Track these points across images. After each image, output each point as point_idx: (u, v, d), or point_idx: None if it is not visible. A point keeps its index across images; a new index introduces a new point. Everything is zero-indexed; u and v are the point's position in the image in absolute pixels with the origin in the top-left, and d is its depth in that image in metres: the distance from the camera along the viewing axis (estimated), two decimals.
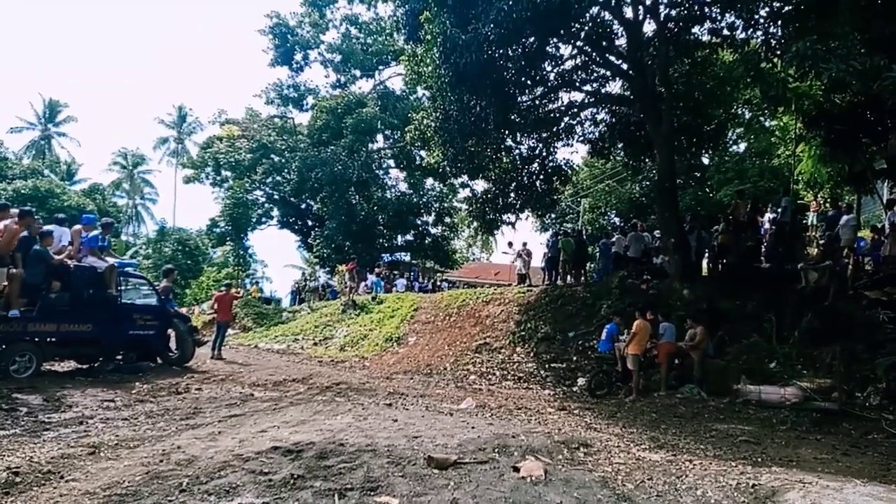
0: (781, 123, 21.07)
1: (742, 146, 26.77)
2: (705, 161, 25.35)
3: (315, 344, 20.27)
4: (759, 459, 6.35)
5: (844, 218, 12.82)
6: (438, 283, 32.61)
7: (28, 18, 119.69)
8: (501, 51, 12.90)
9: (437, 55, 12.73)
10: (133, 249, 48.56)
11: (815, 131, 15.24)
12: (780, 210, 14.96)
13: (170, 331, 12.57)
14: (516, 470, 5.32)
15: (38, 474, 4.67)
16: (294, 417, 7.64)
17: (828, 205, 15.86)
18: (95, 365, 10.99)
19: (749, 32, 13.16)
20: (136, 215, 59.51)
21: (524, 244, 20.51)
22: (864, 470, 5.96)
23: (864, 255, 13.82)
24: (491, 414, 8.93)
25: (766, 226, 15.80)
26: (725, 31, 13.67)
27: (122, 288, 11.29)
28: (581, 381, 12.35)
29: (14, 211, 10.11)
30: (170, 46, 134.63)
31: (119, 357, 11.48)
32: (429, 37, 12.86)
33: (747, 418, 8.99)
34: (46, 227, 10.34)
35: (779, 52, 11.32)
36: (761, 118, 21.66)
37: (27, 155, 52.03)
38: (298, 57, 37.60)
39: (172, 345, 12.76)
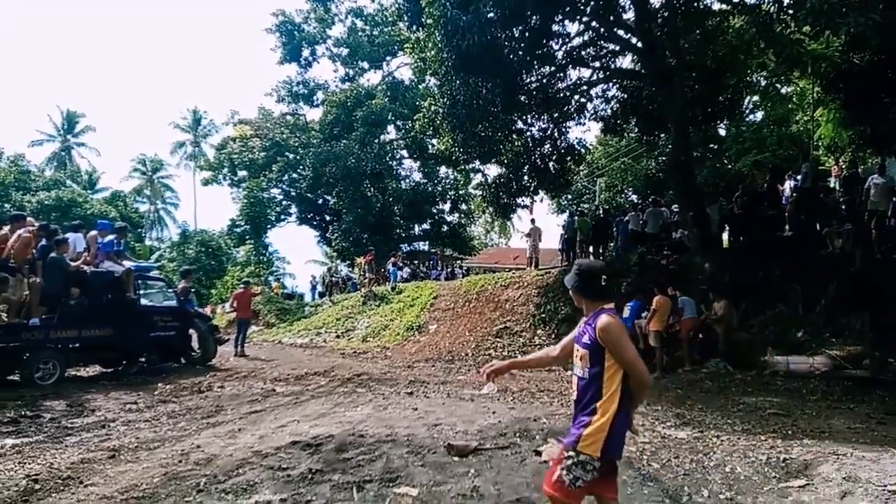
0: (798, 89, 20.52)
1: (759, 115, 26.16)
2: (721, 132, 24.81)
3: (337, 336, 20.34)
4: (790, 432, 6.18)
5: (875, 179, 12.34)
6: (453, 271, 32.23)
7: (39, 33, 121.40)
8: (505, 31, 12.66)
9: (439, 39, 12.52)
10: (157, 253, 49.14)
11: (833, 94, 14.76)
12: (800, 177, 14.57)
13: (191, 331, 12.67)
14: (538, 454, 5.23)
15: (58, 480, 4.69)
16: (314, 411, 7.62)
17: (844, 168, 15.39)
18: (119, 368, 11.12)
19: None
20: (158, 220, 60.09)
21: (532, 221, 20.16)
22: None
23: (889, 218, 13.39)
24: (513, 398, 8.84)
25: (787, 193, 15.41)
26: None
27: (141, 291, 11.38)
28: None
29: (31, 220, 10.26)
30: (180, 51, 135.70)
31: (142, 359, 11.61)
32: (430, 20, 12.66)
33: (776, 390, 8.78)
34: (63, 236, 10.43)
35: (791, 12, 10.91)
36: (777, 84, 21.08)
37: (49, 167, 52.73)
38: (306, 53, 37.54)
39: (194, 344, 12.87)
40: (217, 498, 4.22)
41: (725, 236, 15.42)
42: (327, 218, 39.65)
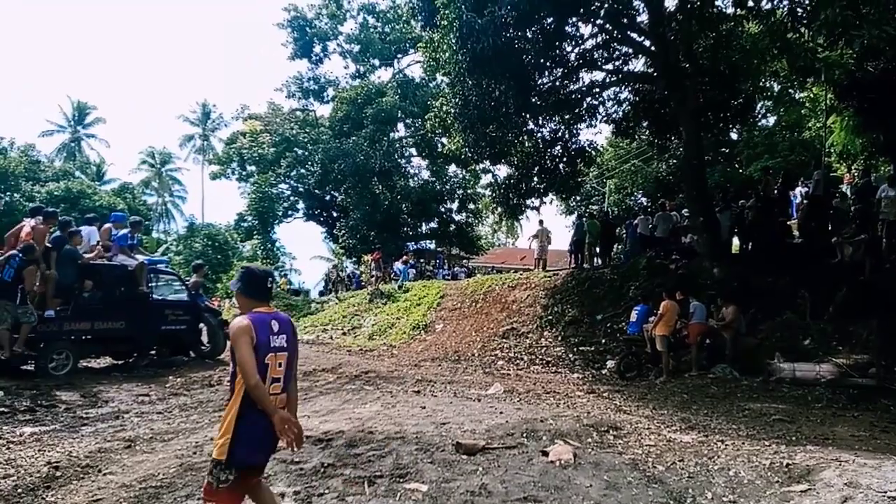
0: (812, 95, 20.46)
1: (771, 120, 26.09)
2: (734, 136, 24.76)
3: (344, 334, 20.45)
4: (794, 438, 6.23)
5: (888, 191, 12.33)
6: (455, 273, 31.76)
7: (52, 23, 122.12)
8: (519, 33, 12.73)
9: (453, 41, 12.60)
10: (164, 246, 49.38)
11: (847, 101, 14.76)
12: (812, 184, 14.56)
13: (201, 325, 12.79)
14: (545, 454, 5.31)
15: (78, 468, 4.81)
16: (324, 406, 7.74)
17: (856, 176, 15.39)
18: (130, 360, 11.25)
19: (774, 2, 12.73)
20: (166, 212, 60.44)
21: (540, 222, 20.10)
22: None
23: None
24: (519, 399, 8.92)
25: (798, 200, 15.40)
26: (750, 2, 13.26)
27: (153, 284, 11.51)
28: (610, 363, 12.26)
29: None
30: (190, 44, 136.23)
31: (153, 352, 11.74)
32: (444, 22, 12.73)
33: (781, 397, 8.83)
34: (77, 228, 10.55)
35: (805, 21, 10.93)
36: (791, 90, 21.02)
37: (58, 157, 53.02)
38: (317, 49, 37.70)
39: (204, 338, 12.98)
40: None
41: (736, 241, 15.43)
42: (334, 214, 39.80)
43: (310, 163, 37.14)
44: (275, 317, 3.07)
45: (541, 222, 20.14)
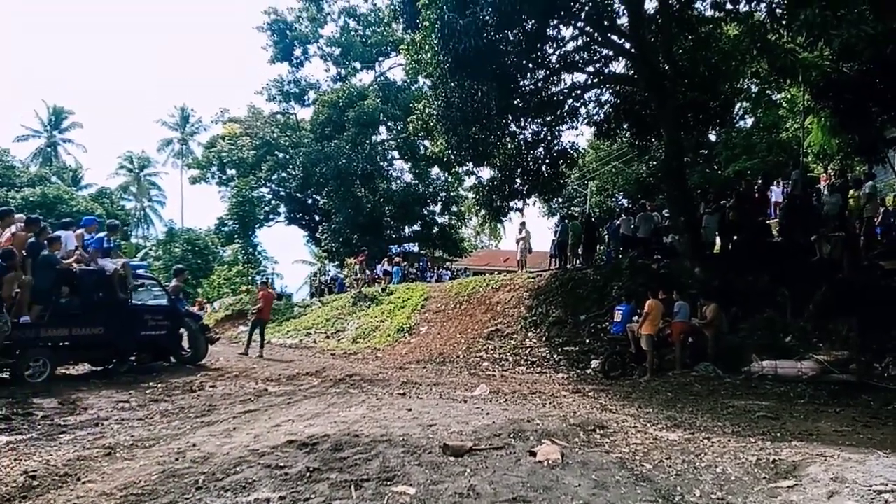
0: (789, 96, 20.80)
1: (749, 121, 26.47)
2: (712, 138, 25.07)
3: (327, 337, 20.31)
4: (779, 434, 6.28)
5: (865, 188, 12.57)
6: (440, 276, 31.55)
7: (27, 26, 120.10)
8: (501, 35, 12.76)
9: (435, 42, 12.59)
10: (143, 251, 48.73)
11: (823, 102, 15.01)
12: (790, 183, 14.78)
13: (182, 330, 12.62)
14: (533, 454, 5.27)
15: (55, 477, 4.67)
16: (308, 411, 7.64)
17: (833, 176, 15.67)
18: (109, 367, 11.05)
19: (753, 5, 12.92)
20: (144, 217, 59.77)
21: (522, 224, 20.00)
22: (886, 441, 5.87)
23: (876, 225, 13.63)
24: (505, 399, 8.89)
25: (776, 199, 15.62)
26: (728, 5, 13.45)
27: (132, 289, 11.32)
28: (595, 363, 12.30)
29: (19, 216, 10.16)
30: (170, 47, 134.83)
31: (132, 358, 11.54)
32: (427, 23, 12.72)
33: (764, 394, 8.91)
34: (55, 233, 10.34)
35: (784, 22, 11.09)
36: (769, 91, 21.35)
37: (34, 162, 52.23)
38: (298, 52, 37.54)
39: (185, 344, 12.81)
40: (216, 495, 4.23)
41: (718, 241, 15.60)
42: (316, 218, 39.56)
43: (291, 166, 36.92)
44: None
45: (522, 224, 20.12)
